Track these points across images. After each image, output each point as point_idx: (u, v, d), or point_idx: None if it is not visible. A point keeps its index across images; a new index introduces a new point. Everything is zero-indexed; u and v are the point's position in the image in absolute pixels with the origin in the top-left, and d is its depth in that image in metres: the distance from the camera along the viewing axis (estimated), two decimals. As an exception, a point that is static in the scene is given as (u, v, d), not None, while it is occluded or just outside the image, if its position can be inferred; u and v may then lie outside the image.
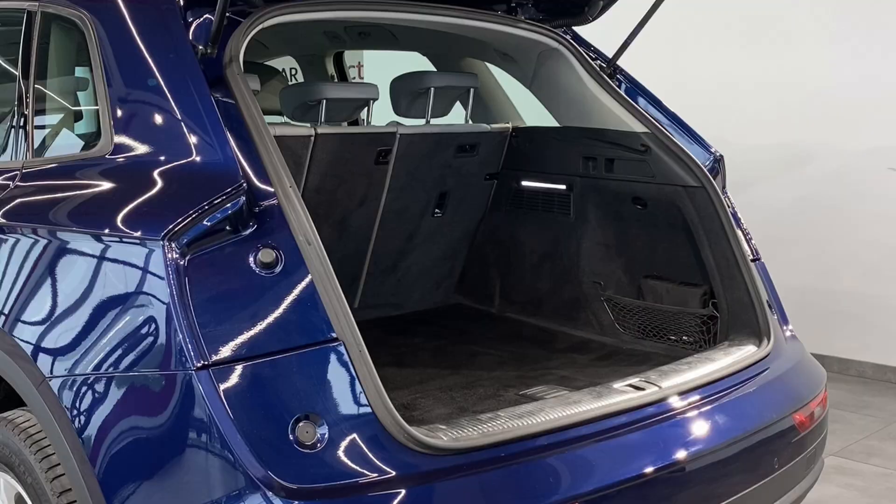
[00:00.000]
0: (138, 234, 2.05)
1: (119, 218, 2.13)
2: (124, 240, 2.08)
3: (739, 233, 3.06)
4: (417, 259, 3.78)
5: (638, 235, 3.35)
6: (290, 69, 5.25)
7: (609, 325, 3.42)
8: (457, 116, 3.75)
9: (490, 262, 3.87)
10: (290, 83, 4.68)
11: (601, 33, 3.49)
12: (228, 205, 2.00)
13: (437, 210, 3.73)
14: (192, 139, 2.18)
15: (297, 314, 2.02)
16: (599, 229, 3.46)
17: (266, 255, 2.02)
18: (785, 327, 3.11)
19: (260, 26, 2.48)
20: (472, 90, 3.60)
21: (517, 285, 3.75)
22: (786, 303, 2.94)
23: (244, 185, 2.03)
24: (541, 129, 3.71)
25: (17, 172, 2.61)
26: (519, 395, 2.65)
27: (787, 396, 2.74)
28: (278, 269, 2.04)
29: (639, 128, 3.21)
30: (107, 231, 2.14)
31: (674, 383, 2.51)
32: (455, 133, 3.57)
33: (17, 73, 2.82)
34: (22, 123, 2.73)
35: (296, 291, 2.04)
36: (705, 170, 3.09)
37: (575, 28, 3.50)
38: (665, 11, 3.05)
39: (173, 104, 2.25)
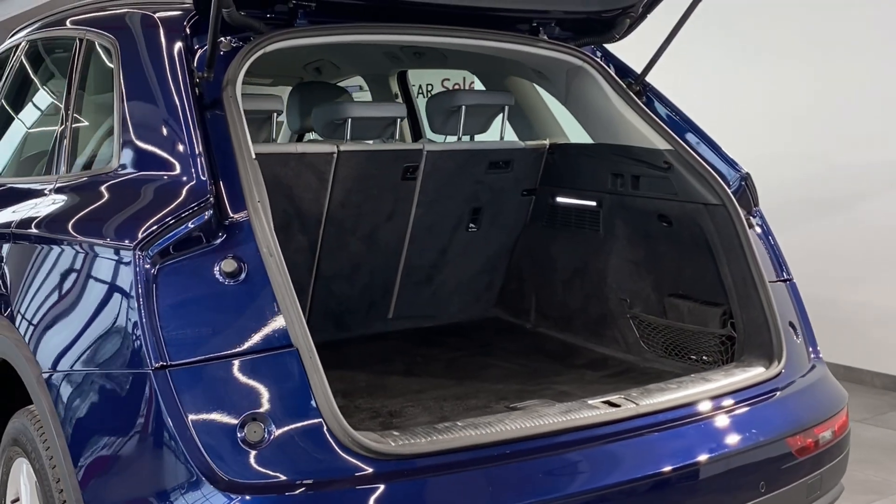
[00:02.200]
0: (116, 243, 2.24)
1: (104, 229, 2.33)
2: (106, 249, 2.28)
3: (758, 252, 3.01)
4: (453, 272, 3.87)
5: (663, 253, 3.33)
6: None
7: (634, 342, 3.41)
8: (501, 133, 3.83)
9: (526, 276, 3.91)
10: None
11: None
12: (195, 218, 2.16)
13: (471, 225, 3.81)
14: (175, 158, 2.37)
15: (255, 321, 2.16)
16: (626, 246, 3.46)
17: (228, 264, 2.16)
18: (811, 350, 3.04)
19: (261, 51, 2.64)
20: (506, 108, 3.67)
21: (551, 300, 3.78)
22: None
23: (211, 200, 2.19)
24: (573, 145, 3.75)
25: (52, 186, 2.87)
26: (508, 408, 2.69)
27: (785, 420, 2.68)
28: (241, 278, 2.18)
29: (662, 145, 3.21)
30: (94, 240, 2.35)
31: (654, 402, 2.50)
32: (485, 150, 3.65)
33: (64, 94, 3.10)
34: (63, 140, 3.00)
35: (256, 300, 2.18)
36: (726, 187, 3.06)
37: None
38: (762, 29, 2.99)
39: (164, 125, 2.45)
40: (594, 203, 3.58)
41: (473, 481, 2.15)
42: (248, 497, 1.99)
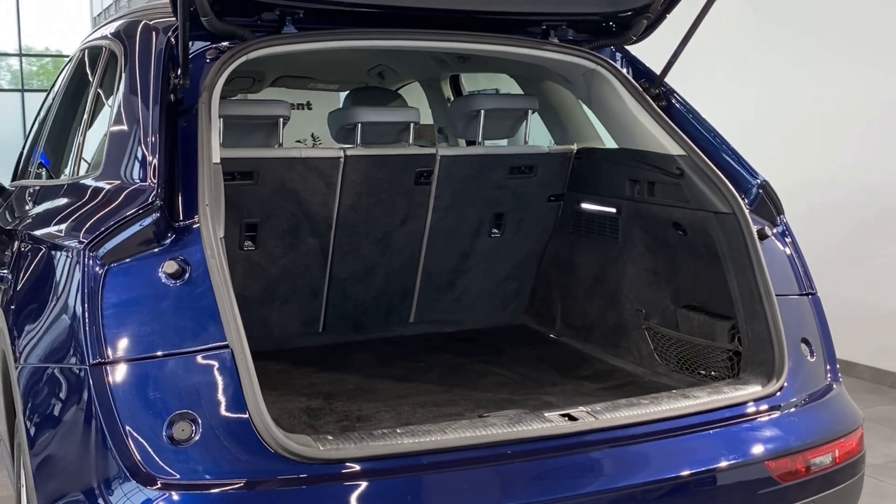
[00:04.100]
0: (71, 244, 2.35)
1: (66, 231, 2.46)
2: (65, 249, 2.40)
3: (767, 264, 2.85)
4: (476, 278, 3.83)
5: (679, 263, 3.20)
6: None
7: (648, 354, 3.30)
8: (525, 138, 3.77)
9: (553, 284, 3.84)
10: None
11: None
12: (141, 221, 2.24)
13: (494, 230, 3.76)
14: (136, 163, 2.46)
15: (193, 322, 2.21)
16: (643, 255, 3.34)
17: (170, 266, 2.22)
18: (829, 369, 2.86)
19: (242, 58, 2.69)
20: (529, 112, 3.61)
21: (574, 309, 3.70)
22: None
23: (157, 203, 2.26)
24: (597, 150, 3.66)
25: (63, 188, 3.02)
26: (480, 417, 2.65)
27: (768, 442, 2.53)
28: (184, 279, 2.24)
29: (675, 150, 3.09)
30: (58, 242, 2.48)
31: (617, 416, 2.41)
32: (504, 154, 3.60)
33: (88, 101, 3.26)
34: (80, 144, 3.16)
35: (196, 301, 2.22)
36: (737, 195, 2.91)
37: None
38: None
39: (135, 131, 2.55)
40: (614, 210, 3.48)
41: (396, 489, 2.13)
42: (172, 494, 2.04)
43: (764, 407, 2.61)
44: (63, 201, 2.85)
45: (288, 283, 3.46)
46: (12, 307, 2.66)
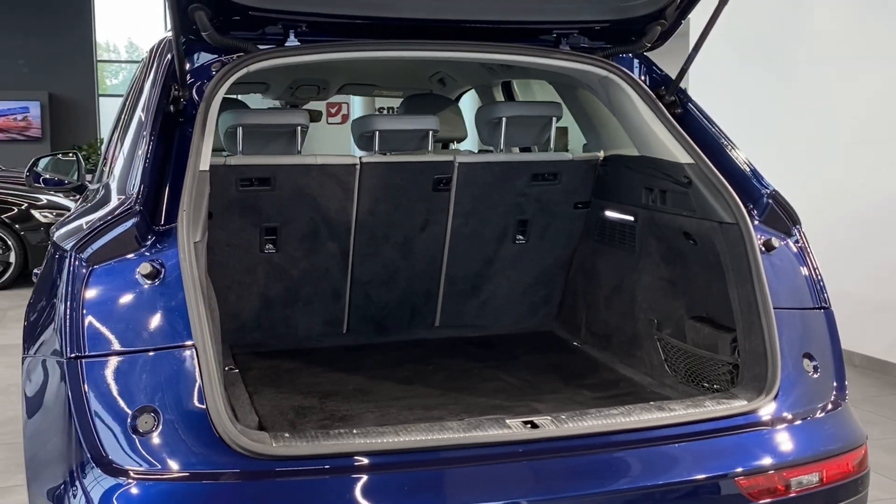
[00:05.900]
0: (64, 246, 2.53)
1: (69, 232, 2.65)
2: (61, 251, 2.58)
3: (766, 276, 2.78)
4: (502, 284, 3.86)
5: (690, 273, 3.16)
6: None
7: (658, 365, 3.26)
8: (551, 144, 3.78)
9: (579, 292, 3.83)
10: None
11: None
12: (120, 225, 2.40)
13: (519, 237, 3.78)
14: (126, 171, 2.63)
15: (164, 320, 2.34)
16: (657, 264, 3.31)
17: (144, 268, 2.36)
18: (835, 386, 2.77)
19: (243, 70, 2.82)
20: (553, 119, 3.61)
21: (596, 318, 3.68)
22: None
23: (136, 209, 2.41)
24: (619, 157, 3.62)
25: (91, 189, 3.24)
26: (459, 421, 2.69)
27: (740, 458, 2.47)
28: (159, 280, 2.38)
29: (684, 158, 3.05)
30: (61, 242, 2.66)
31: (580, 426, 2.42)
32: (525, 162, 3.61)
33: (125, 108, 3.49)
34: (114, 149, 3.38)
35: (168, 301, 2.36)
36: (741, 206, 2.85)
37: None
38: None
39: (134, 138, 2.73)
40: (632, 218, 3.45)
41: (339, 487, 2.21)
42: (134, 483, 2.18)
43: (745, 422, 2.55)
44: (85, 204, 3.06)
45: (310, 285, 3.58)
46: (29, 305, 2.88)
